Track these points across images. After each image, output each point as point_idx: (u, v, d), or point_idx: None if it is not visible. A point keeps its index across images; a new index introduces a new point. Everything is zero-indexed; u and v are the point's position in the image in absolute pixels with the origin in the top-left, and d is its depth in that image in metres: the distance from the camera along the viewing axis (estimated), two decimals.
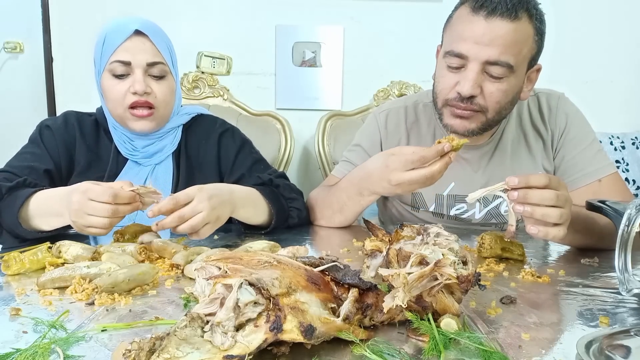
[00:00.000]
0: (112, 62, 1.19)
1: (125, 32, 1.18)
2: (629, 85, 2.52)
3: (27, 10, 2.50)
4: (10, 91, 2.60)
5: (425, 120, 1.32)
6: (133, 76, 1.19)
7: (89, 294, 0.74)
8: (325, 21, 2.41)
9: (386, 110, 1.37)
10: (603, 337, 0.58)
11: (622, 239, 0.71)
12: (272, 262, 0.61)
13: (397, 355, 0.57)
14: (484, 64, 1.07)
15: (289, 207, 1.23)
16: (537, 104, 1.28)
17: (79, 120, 1.30)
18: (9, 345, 0.59)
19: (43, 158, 1.22)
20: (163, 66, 1.22)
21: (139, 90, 1.18)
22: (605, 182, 1.20)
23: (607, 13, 2.48)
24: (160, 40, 1.23)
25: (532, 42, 1.09)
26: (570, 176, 1.23)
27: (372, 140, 1.36)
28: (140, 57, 1.19)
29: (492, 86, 1.09)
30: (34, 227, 1.05)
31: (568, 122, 1.24)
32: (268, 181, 1.25)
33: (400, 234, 0.71)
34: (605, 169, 1.21)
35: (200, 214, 0.96)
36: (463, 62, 1.09)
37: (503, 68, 1.07)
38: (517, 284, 0.85)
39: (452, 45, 1.09)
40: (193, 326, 0.52)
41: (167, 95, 1.25)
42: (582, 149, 1.23)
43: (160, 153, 1.30)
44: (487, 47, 1.05)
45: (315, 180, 2.34)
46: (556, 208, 0.85)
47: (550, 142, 1.26)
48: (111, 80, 1.20)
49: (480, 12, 1.05)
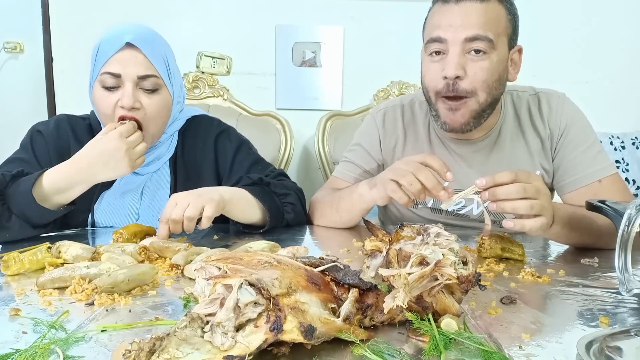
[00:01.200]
0: (102, 74, 1.15)
1: (117, 44, 1.15)
2: (629, 85, 2.52)
3: (27, 10, 2.50)
4: (10, 91, 2.60)
5: (422, 118, 1.34)
6: (123, 89, 1.15)
7: (88, 294, 0.74)
8: (325, 21, 2.41)
9: (383, 109, 1.39)
10: (603, 337, 0.58)
11: (622, 239, 0.71)
12: (272, 262, 0.61)
13: (397, 355, 0.57)
14: (464, 43, 1.09)
15: (283, 202, 1.22)
16: (538, 103, 1.28)
17: (72, 124, 1.29)
18: (9, 345, 0.59)
19: (31, 165, 1.21)
20: (156, 79, 1.17)
21: (126, 105, 1.14)
22: (606, 182, 1.20)
23: (607, 13, 2.48)
24: (154, 52, 1.18)
25: (506, 21, 1.13)
26: (570, 177, 1.23)
27: (371, 139, 1.37)
28: (131, 69, 1.15)
29: (475, 65, 1.11)
30: (54, 202, 1.08)
31: (569, 123, 1.24)
32: (258, 180, 1.24)
33: (400, 234, 0.71)
34: (606, 169, 1.21)
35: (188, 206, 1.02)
36: (443, 47, 1.12)
37: (483, 42, 1.09)
38: (517, 284, 0.85)
39: (431, 34, 1.13)
40: (193, 326, 0.52)
41: (159, 110, 1.20)
42: (582, 149, 1.22)
43: (157, 161, 1.29)
44: (462, 27, 1.09)
45: (315, 180, 2.34)
46: (525, 200, 0.88)
47: (549, 142, 1.26)
48: (101, 91, 1.16)
49: (450, 1, 1.11)
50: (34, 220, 1.06)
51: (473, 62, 1.11)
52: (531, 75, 2.44)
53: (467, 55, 1.11)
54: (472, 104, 1.14)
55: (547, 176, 1.26)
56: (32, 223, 1.07)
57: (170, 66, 1.23)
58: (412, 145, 1.33)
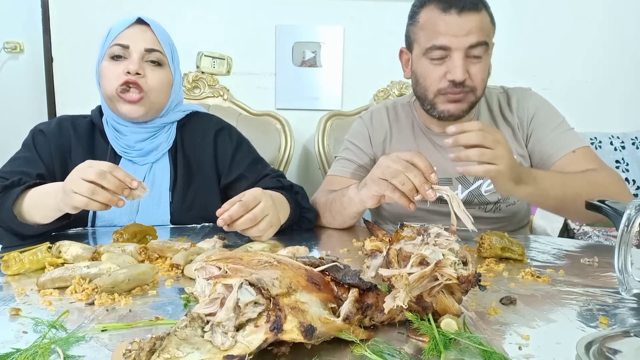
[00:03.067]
0: (112, 46, 1.22)
1: (127, 21, 1.24)
2: (628, 85, 2.52)
3: (27, 10, 2.51)
4: (10, 91, 2.60)
5: (404, 116, 1.46)
6: (129, 59, 1.22)
7: (89, 294, 0.74)
8: (325, 21, 2.41)
9: (370, 111, 1.53)
10: (603, 337, 0.58)
11: (622, 239, 0.71)
12: (272, 262, 0.61)
13: (397, 355, 0.57)
14: (467, 49, 1.21)
15: (302, 216, 1.23)
16: (507, 97, 1.41)
17: (73, 123, 1.30)
18: (9, 345, 0.59)
19: (35, 163, 1.22)
20: (161, 55, 1.25)
21: (132, 70, 1.21)
22: (580, 152, 1.28)
23: (607, 13, 2.48)
24: (162, 33, 1.27)
25: (490, 25, 1.28)
26: (546, 154, 1.32)
27: (361, 137, 1.46)
28: (139, 42, 1.23)
29: (475, 67, 1.25)
30: (30, 220, 1.06)
31: (536, 109, 1.36)
32: (288, 187, 1.26)
33: (400, 234, 0.71)
34: (578, 142, 1.30)
35: (267, 216, 1.02)
36: (445, 53, 1.23)
37: (482, 47, 1.23)
38: (517, 284, 0.85)
39: (432, 41, 1.23)
40: (193, 326, 0.52)
41: (160, 83, 1.26)
42: (552, 128, 1.33)
43: (155, 151, 1.30)
44: (466, 36, 1.21)
45: (315, 180, 2.34)
46: (477, 148, 0.98)
47: (519, 130, 1.36)
48: (109, 62, 1.23)
49: (451, 11, 1.21)
50: (22, 232, 1.06)
51: (474, 64, 1.24)
52: (531, 75, 2.45)
53: (468, 58, 1.23)
54: (471, 96, 1.28)
55: (524, 161, 1.35)
56: (20, 235, 1.06)
57: (174, 52, 1.31)
58: (397, 138, 1.44)
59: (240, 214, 0.98)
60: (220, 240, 1.00)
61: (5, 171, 1.18)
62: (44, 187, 1.07)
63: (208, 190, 1.32)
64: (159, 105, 1.28)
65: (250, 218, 0.99)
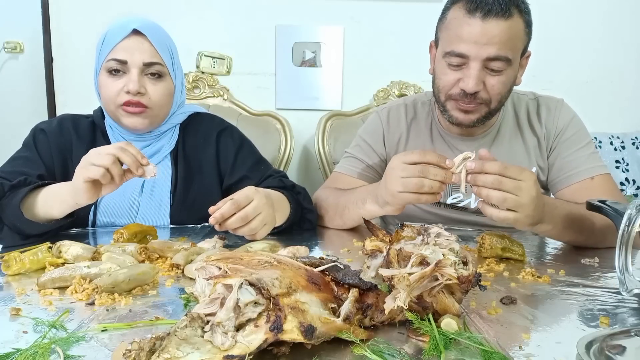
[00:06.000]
0: (108, 60, 1.19)
1: (124, 31, 1.18)
2: (629, 85, 2.52)
3: (27, 10, 2.51)
4: (10, 91, 2.60)
5: (423, 116, 1.39)
6: (128, 75, 1.18)
7: (89, 294, 0.74)
8: (325, 21, 2.41)
9: (387, 107, 1.44)
10: (603, 337, 0.58)
11: (622, 239, 0.71)
12: (273, 262, 0.61)
13: (398, 355, 0.57)
14: (484, 61, 1.13)
15: (303, 217, 1.22)
16: (537, 106, 1.33)
17: (75, 123, 1.30)
18: (9, 345, 0.59)
19: (35, 163, 1.21)
20: (161, 67, 1.21)
21: (132, 90, 1.18)
22: (598, 180, 1.23)
23: (608, 13, 2.48)
24: (159, 41, 1.22)
25: (524, 35, 1.18)
26: (564, 173, 1.27)
27: (375, 135, 1.41)
28: (137, 56, 1.18)
29: (493, 79, 1.16)
30: (45, 216, 1.06)
31: (565, 124, 1.29)
32: (290, 187, 1.25)
33: (400, 234, 0.71)
34: (599, 169, 1.24)
35: (260, 214, 0.99)
36: (464, 61, 1.15)
37: (502, 62, 1.14)
38: (517, 284, 0.85)
39: (452, 46, 1.15)
40: (193, 326, 0.52)
41: (163, 96, 1.23)
42: (577, 148, 1.26)
43: (158, 154, 1.29)
44: (486, 45, 1.12)
45: (315, 180, 2.34)
46: (500, 191, 0.90)
47: (545, 141, 1.30)
48: (107, 77, 1.20)
49: (476, 14, 1.11)
50: (26, 231, 1.06)
51: (491, 76, 1.16)
52: (531, 75, 2.42)
53: (485, 69, 1.15)
54: (483, 108, 1.20)
55: (542, 174, 1.30)
56: (24, 234, 1.06)
57: (174, 56, 1.27)
58: (414, 140, 1.38)
59: (231, 212, 0.96)
60: (220, 240, 1.00)
61: (5, 171, 1.18)
62: (56, 185, 1.07)
63: (209, 191, 1.32)
64: (162, 116, 1.27)
65: (241, 216, 0.97)
